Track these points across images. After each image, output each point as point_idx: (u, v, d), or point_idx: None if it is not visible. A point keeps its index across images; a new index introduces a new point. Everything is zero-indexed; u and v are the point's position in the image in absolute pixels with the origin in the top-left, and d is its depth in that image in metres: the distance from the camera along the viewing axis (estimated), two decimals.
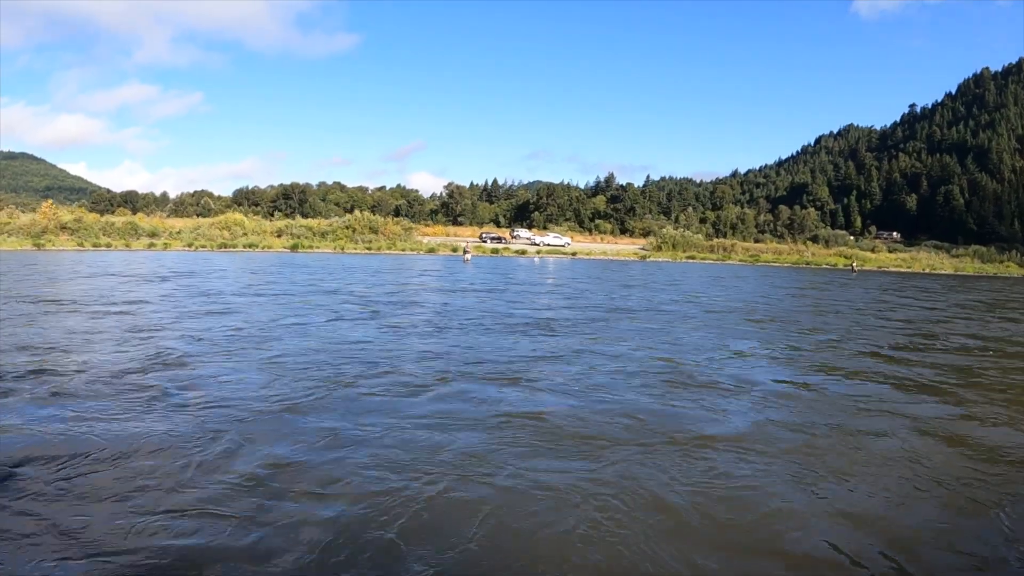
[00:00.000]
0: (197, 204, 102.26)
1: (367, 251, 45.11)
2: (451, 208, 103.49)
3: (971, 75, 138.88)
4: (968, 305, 22.24)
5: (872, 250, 72.75)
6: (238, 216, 50.72)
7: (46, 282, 17.52)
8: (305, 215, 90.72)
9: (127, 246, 39.38)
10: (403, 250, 46.47)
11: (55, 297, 13.70)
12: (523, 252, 50.63)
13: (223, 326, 10.46)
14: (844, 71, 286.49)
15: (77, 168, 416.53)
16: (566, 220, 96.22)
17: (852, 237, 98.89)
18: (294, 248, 43.94)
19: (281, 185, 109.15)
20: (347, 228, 48.21)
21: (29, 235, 37.13)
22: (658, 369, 8.25)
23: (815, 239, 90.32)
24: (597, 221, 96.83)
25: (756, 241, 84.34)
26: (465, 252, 41.16)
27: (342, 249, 45.05)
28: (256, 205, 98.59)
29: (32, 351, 7.88)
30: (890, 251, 72.70)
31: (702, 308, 16.47)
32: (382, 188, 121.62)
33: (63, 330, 9.43)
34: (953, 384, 8.03)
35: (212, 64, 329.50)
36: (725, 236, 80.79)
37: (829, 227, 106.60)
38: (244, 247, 42.75)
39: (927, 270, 56.01)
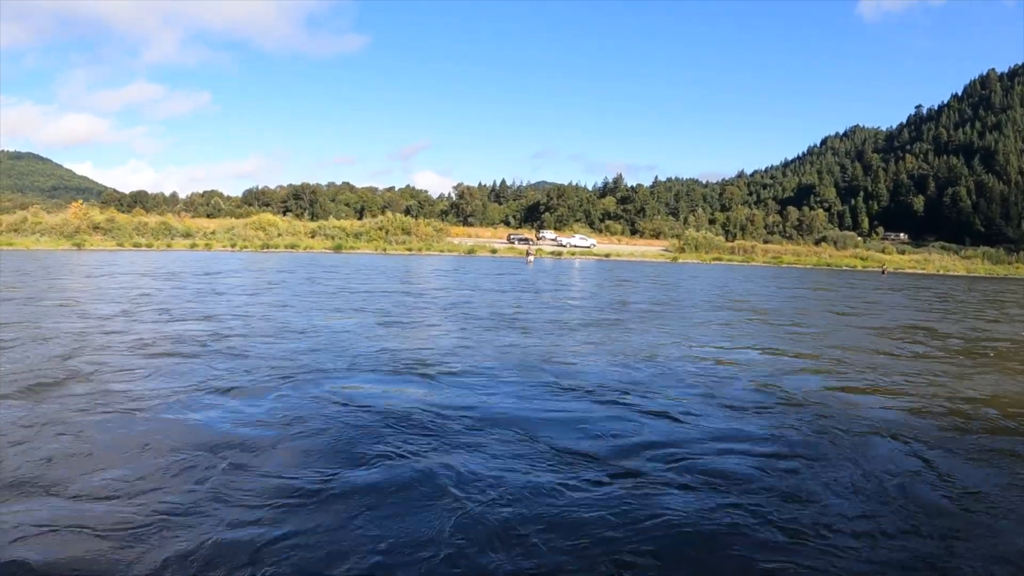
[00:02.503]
0: (207, 204, 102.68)
1: (407, 252, 45.10)
2: (461, 209, 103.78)
3: (977, 76, 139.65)
4: None
5: (882, 251, 73.11)
6: (271, 216, 51.06)
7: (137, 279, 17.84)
8: (316, 215, 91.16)
9: (168, 246, 39.50)
10: (441, 251, 46.61)
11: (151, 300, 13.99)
12: (559, 254, 50.89)
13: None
14: (849, 72, 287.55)
15: (83, 167, 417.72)
16: (576, 221, 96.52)
17: (860, 238, 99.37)
18: (337, 249, 43.90)
19: (291, 185, 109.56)
20: (380, 229, 48.31)
21: (62, 235, 37.31)
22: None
23: (824, 240, 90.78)
24: (607, 222, 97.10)
25: (765, 242, 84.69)
26: (528, 255, 42.00)
27: (384, 250, 45.05)
28: (267, 205, 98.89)
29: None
30: (900, 252, 73.06)
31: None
32: (391, 189, 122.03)
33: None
34: None
35: (220, 64, 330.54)
36: (735, 238, 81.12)
37: (837, 228, 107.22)
38: (286, 247, 42.89)
39: (940, 271, 56.37)
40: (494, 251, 48.22)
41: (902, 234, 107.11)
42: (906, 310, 19.45)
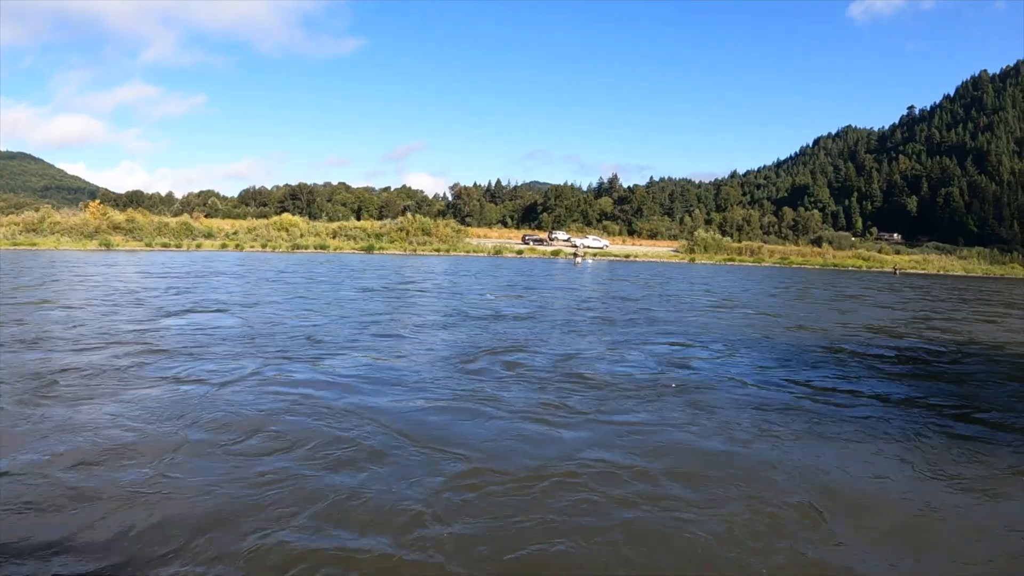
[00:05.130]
0: (204, 204, 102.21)
1: (435, 253, 45.02)
2: (459, 209, 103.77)
3: (969, 77, 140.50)
4: None
5: (879, 251, 73.70)
6: (292, 217, 50.98)
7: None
8: (314, 215, 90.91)
9: (198, 247, 39.06)
10: (467, 252, 46.60)
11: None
12: (583, 255, 51.15)
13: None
14: (841, 73, 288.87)
15: (75, 168, 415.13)
16: (573, 221, 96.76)
17: (855, 238, 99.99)
18: (368, 250, 43.68)
19: (287, 186, 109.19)
20: (401, 230, 48.11)
21: (82, 235, 36.83)
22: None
23: (820, 241, 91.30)
24: (605, 222, 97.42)
25: (762, 243, 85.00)
26: (576, 256, 42.42)
27: (414, 251, 44.90)
28: (264, 205, 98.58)
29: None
30: (896, 253, 73.62)
31: None
32: (387, 189, 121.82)
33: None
34: None
35: (217, 65, 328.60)
36: (733, 238, 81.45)
37: (831, 228, 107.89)
38: (315, 248, 42.67)
39: (940, 271, 56.96)
40: (520, 252, 48.36)
41: (896, 234, 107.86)
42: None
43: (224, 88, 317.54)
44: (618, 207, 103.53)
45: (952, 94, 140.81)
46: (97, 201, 45.02)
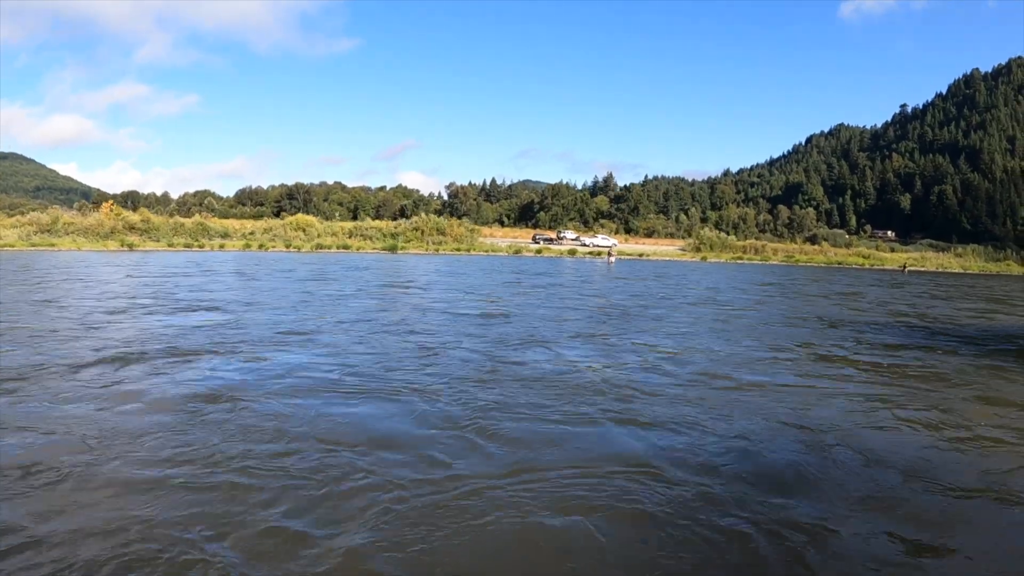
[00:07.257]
0: (200, 204, 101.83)
1: (455, 252, 44.81)
2: (455, 208, 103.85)
3: (961, 76, 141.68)
4: None
5: (875, 248, 74.23)
6: (307, 217, 50.72)
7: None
8: (311, 215, 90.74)
9: (221, 247, 38.60)
10: (486, 251, 46.55)
11: None
12: (598, 254, 51.14)
13: None
14: (833, 72, 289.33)
15: (67, 168, 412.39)
16: (570, 220, 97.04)
17: (849, 236, 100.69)
18: (391, 250, 43.24)
19: (283, 185, 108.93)
20: (415, 230, 47.87)
21: (98, 235, 36.38)
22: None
23: (814, 239, 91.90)
24: (602, 221, 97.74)
25: (756, 239, 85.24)
26: (609, 255, 42.55)
27: (435, 251, 44.60)
28: (260, 205, 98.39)
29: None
30: (890, 250, 74.11)
31: None
32: (383, 188, 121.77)
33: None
34: None
35: (212, 65, 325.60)
36: (735, 237, 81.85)
37: (826, 226, 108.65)
38: (338, 248, 42.22)
39: (938, 269, 57.40)
40: (539, 251, 48.47)
41: (889, 232, 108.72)
42: None
43: (219, 87, 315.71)
44: (614, 205, 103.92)
45: (944, 92, 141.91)
46: (111, 202, 44.76)
